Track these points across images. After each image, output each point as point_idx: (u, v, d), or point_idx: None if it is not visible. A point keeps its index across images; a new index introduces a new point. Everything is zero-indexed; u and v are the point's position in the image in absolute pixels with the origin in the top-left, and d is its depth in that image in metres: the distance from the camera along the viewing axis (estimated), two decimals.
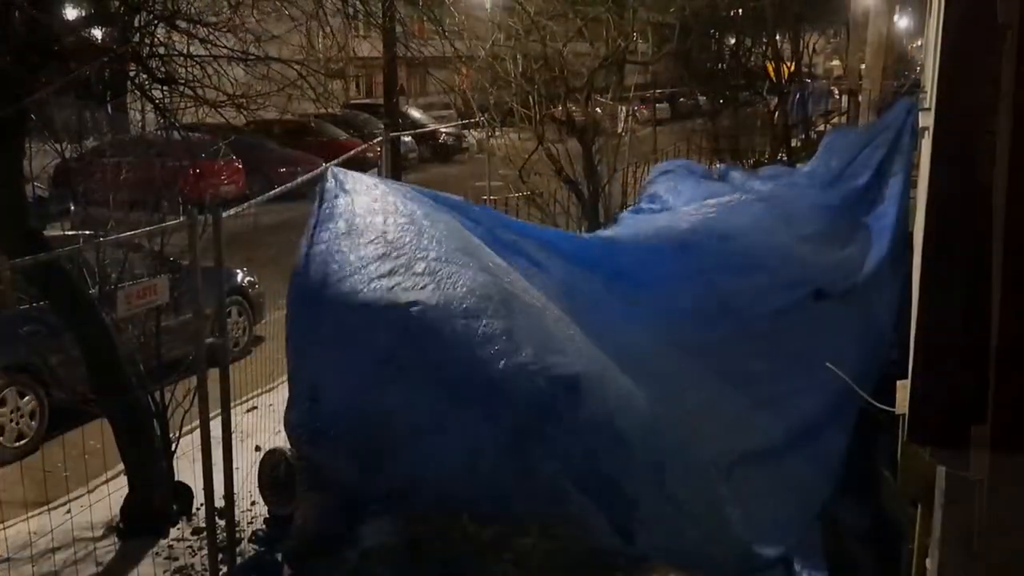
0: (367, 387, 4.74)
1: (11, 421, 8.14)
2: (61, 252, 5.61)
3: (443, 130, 27.60)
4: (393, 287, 4.77)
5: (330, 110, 28.44)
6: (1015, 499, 3.88)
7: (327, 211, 5.15)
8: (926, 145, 5.78)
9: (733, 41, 27.51)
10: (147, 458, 6.21)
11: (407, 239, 4.99)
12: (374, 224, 5.02)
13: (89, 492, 6.67)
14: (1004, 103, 3.46)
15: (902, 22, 42.39)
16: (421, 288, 4.74)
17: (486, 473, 4.53)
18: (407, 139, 25.28)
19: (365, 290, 4.79)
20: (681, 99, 35.89)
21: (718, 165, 22.19)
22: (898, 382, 5.02)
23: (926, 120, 5.47)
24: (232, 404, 6.68)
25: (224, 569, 5.79)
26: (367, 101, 33.94)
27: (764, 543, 5.11)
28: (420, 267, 4.81)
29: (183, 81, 5.25)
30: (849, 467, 6.28)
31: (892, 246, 7.49)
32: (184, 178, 7.46)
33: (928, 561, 4.09)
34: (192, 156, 7.15)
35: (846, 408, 6.04)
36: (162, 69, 5.25)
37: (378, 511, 4.58)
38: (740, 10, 23.95)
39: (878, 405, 4.77)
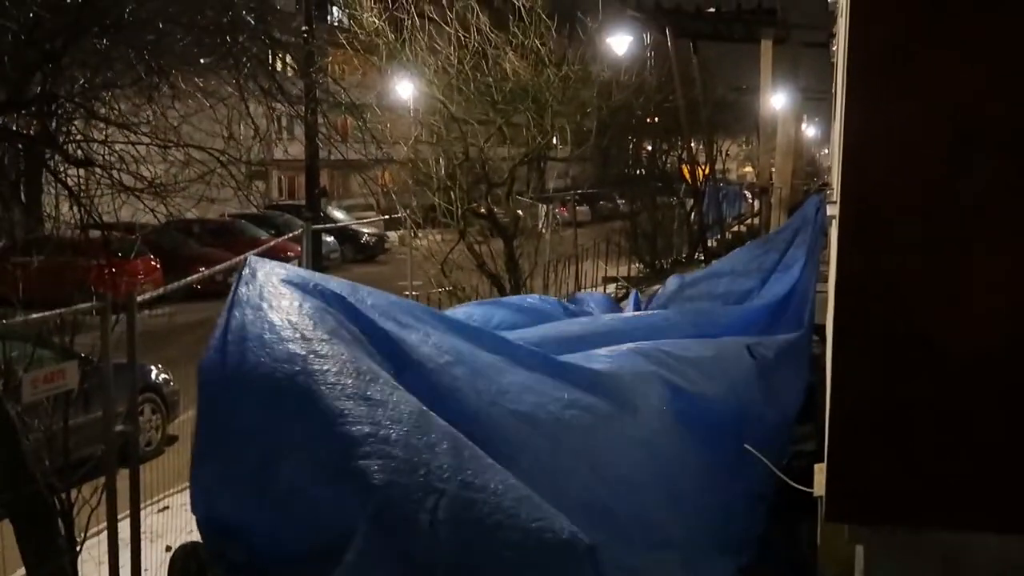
0: (265, 481, 4.60)
1: None
2: None
3: (365, 230, 27.69)
4: (293, 376, 4.67)
5: (252, 209, 28.47)
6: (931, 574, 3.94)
7: (236, 301, 5.09)
8: (834, 234, 6.01)
9: (650, 147, 28.54)
10: (50, 558, 5.92)
11: (312, 328, 4.90)
12: (279, 309, 4.95)
13: None
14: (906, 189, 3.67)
15: (810, 131, 44.43)
16: (320, 378, 4.63)
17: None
18: (329, 239, 25.29)
19: (262, 381, 4.69)
20: (601, 202, 36.74)
21: (638, 266, 22.83)
22: (816, 466, 5.10)
23: (834, 211, 5.70)
24: (143, 504, 6.46)
25: None
26: (289, 202, 34.06)
27: None
28: (323, 349, 4.73)
29: (100, 164, 5.19)
30: (773, 554, 6.30)
31: (795, 336, 7.62)
32: (99, 276, 7.29)
33: None
34: (108, 254, 7.00)
35: (754, 492, 6.07)
36: (79, 152, 5.19)
37: None
38: (656, 117, 24.92)
39: (797, 486, 4.83)
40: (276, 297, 5.04)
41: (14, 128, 5.10)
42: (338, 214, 30.62)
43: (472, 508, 4.20)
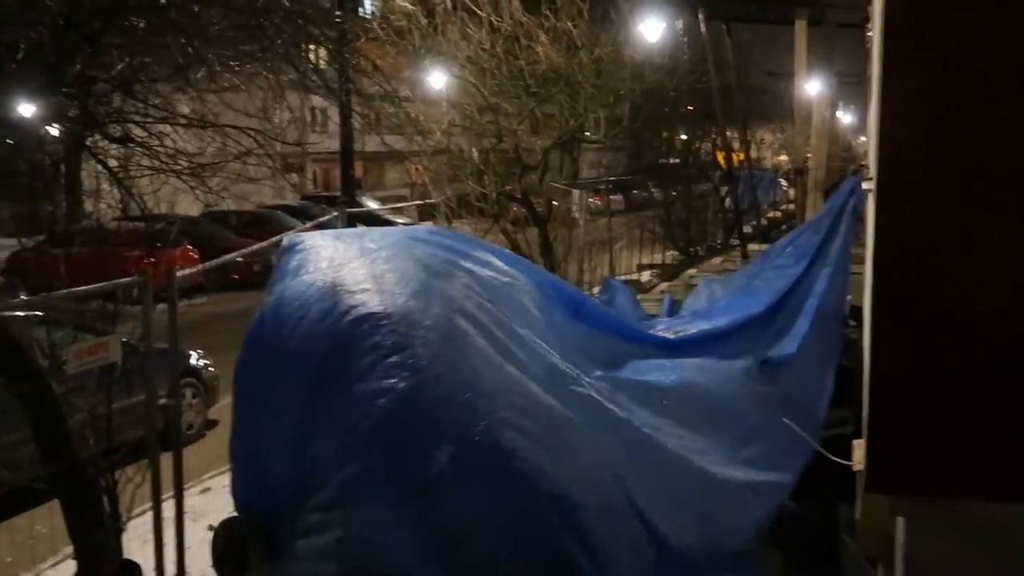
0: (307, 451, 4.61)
1: None
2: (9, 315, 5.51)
3: (399, 220, 27.74)
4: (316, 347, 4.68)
5: (287, 200, 28.71)
6: (972, 549, 3.90)
7: (278, 272, 5.14)
8: (870, 212, 5.95)
9: (684, 138, 28.40)
10: (95, 535, 6.04)
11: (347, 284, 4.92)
12: (319, 274, 4.98)
13: None
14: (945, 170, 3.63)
15: (846, 118, 43.96)
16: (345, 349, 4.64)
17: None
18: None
19: (292, 345, 4.71)
20: (634, 191, 36.59)
21: (672, 253, 22.74)
22: (854, 441, 5.07)
23: (870, 185, 5.65)
24: (186, 486, 6.56)
25: None
26: (324, 194, 34.26)
27: None
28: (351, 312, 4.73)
29: (138, 142, 5.25)
30: (809, 537, 6.25)
31: (821, 322, 7.36)
32: (139, 266, 7.41)
33: None
34: (147, 244, 7.11)
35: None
36: (118, 129, 5.25)
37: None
38: (690, 106, 24.76)
39: (837, 460, 4.79)
40: (313, 262, 5.06)
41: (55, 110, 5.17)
42: (372, 203, 30.75)
43: (476, 462, 4.15)
